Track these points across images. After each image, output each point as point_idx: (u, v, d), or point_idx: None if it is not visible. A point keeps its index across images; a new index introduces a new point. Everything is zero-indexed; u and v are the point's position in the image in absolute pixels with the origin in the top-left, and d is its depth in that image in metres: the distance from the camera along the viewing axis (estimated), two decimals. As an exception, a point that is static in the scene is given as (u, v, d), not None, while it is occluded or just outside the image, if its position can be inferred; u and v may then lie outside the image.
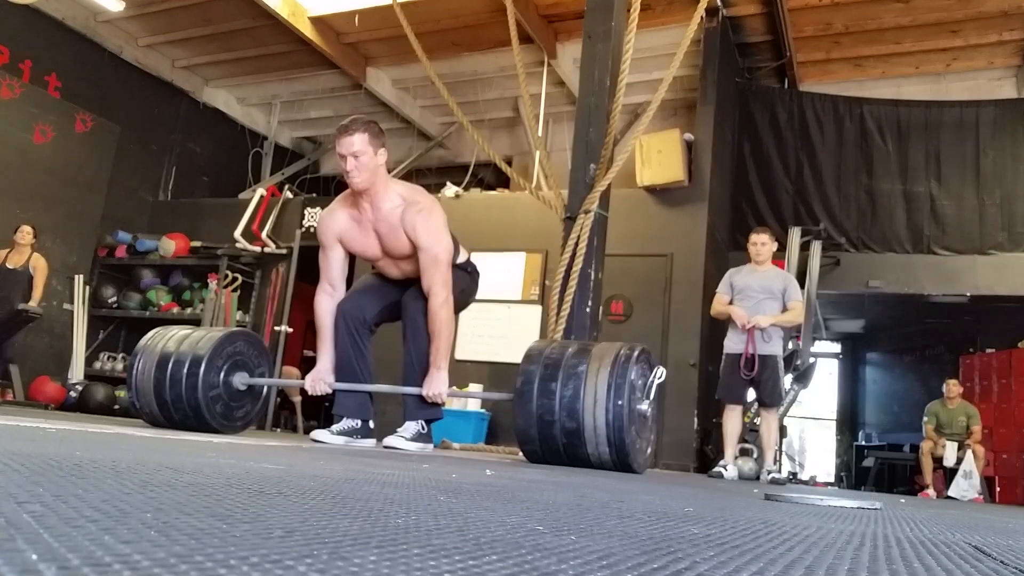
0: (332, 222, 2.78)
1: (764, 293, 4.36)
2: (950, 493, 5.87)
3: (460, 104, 5.36)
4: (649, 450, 2.55)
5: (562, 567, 0.45)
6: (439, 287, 2.66)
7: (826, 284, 6.47)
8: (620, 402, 2.26)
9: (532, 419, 2.37)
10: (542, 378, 2.37)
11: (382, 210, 2.69)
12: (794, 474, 6.66)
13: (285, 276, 6.80)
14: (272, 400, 6.54)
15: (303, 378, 8.26)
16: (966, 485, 5.87)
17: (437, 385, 2.67)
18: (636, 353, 2.38)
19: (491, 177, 7.77)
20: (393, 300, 2.87)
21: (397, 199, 2.69)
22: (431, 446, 2.89)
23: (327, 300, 2.81)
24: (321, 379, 2.76)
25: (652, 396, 2.45)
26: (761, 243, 4.48)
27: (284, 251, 6.85)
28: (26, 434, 1.42)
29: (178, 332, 2.78)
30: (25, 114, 6.29)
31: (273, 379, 3.75)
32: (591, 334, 4.14)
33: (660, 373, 2.46)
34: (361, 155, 2.58)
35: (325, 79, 7.40)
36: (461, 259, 2.91)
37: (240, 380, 2.77)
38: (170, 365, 2.63)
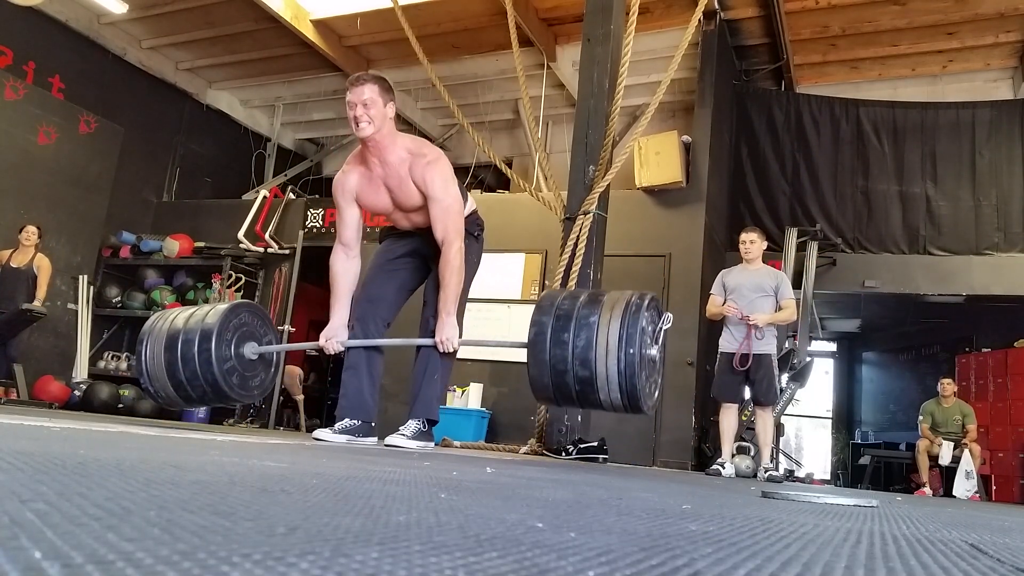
0: (346, 181, 2.82)
1: (757, 291, 4.38)
2: (954, 493, 5.88)
3: (461, 106, 5.37)
4: (656, 392, 2.58)
5: (561, 563, 0.45)
6: (452, 235, 2.69)
7: (822, 284, 6.49)
8: (631, 350, 2.30)
9: (545, 368, 2.39)
10: (555, 329, 2.39)
11: (390, 164, 2.72)
12: (791, 472, 6.66)
13: (288, 276, 6.81)
14: (276, 397, 6.54)
15: (304, 378, 8.18)
16: (968, 484, 5.88)
17: (447, 331, 2.68)
18: (647, 301, 2.41)
19: (491, 178, 7.79)
20: (405, 277, 2.90)
21: (404, 152, 2.73)
22: (432, 444, 2.90)
23: (342, 259, 2.85)
24: (335, 336, 2.79)
25: (661, 341, 2.47)
26: (750, 241, 4.50)
27: (287, 251, 6.87)
28: (30, 433, 1.42)
29: (181, 313, 2.79)
30: (29, 115, 6.31)
31: (283, 345, 3.77)
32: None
33: (668, 319, 2.49)
34: (371, 105, 2.63)
35: (327, 81, 7.42)
36: (468, 210, 2.93)
37: (250, 350, 2.78)
38: (180, 345, 2.63)
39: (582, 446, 3.98)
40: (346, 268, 2.84)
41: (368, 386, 2.83)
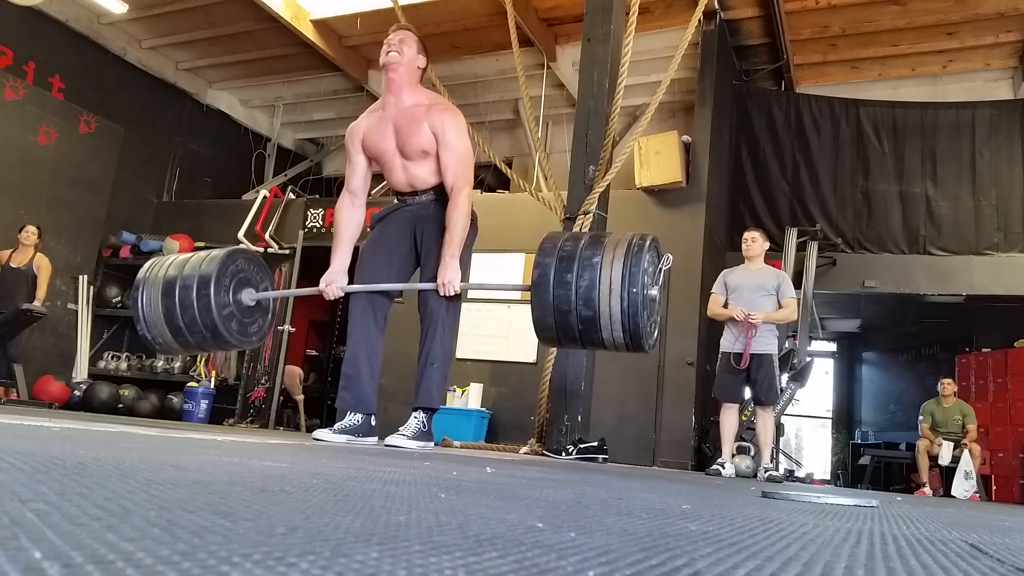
0: (355, 126, 2.92)
1: (759, 291, 4.39)
2: (952, 492, 5.88)
3: (461, 106, 5.33)
4: (656, 332, 2.60)
5: (561, 563, 0.45)
6: (462, 183, 2.74)
7: (822, 284, 6.49)
8: (634, 289, 2.34)
9: (549, 309, 2.42)
10: (558, 270, 2.43)
11: (404, 104, 2.79)
12: (791, 472, 6.66)
13: (288, 276, 6.81)
14: (276, 397, 6.54)
15: (304, 379, 8.12)
16: (967, 484, 5.89)
17: (449, 273, 2.70)
18: (648, 242, 2.45)
19: (491, 178, 7.78)
20: (400, 265, 2.89)
21: (423, 98, 2.83)
22: (432, 444, 2.90)
23: (347, 207, 2.91)
24: (334, 282, 2.81)
25: (660, 282, 2.52)
26: (751, 239, 4.52)
27: (287, 251, 6.87)
28: (30, 433, 1.41)
29: (176, 259, 2.78)
30: (29, 115, 6.31)
31: (281, 291, 3.77)
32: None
33: (668, 260, 2.52)
34: (405, 43, 2.78)
35: (327, 81, 7.42)
36: None
37: (248, 296, 2.77)
38: (177, 291, 2.62)
39: (582, 446, 3.98)
40: (351, 216, 2.90)
41: (367, 377, 2.82)
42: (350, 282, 2.85)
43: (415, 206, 2.87)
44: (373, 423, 2.82)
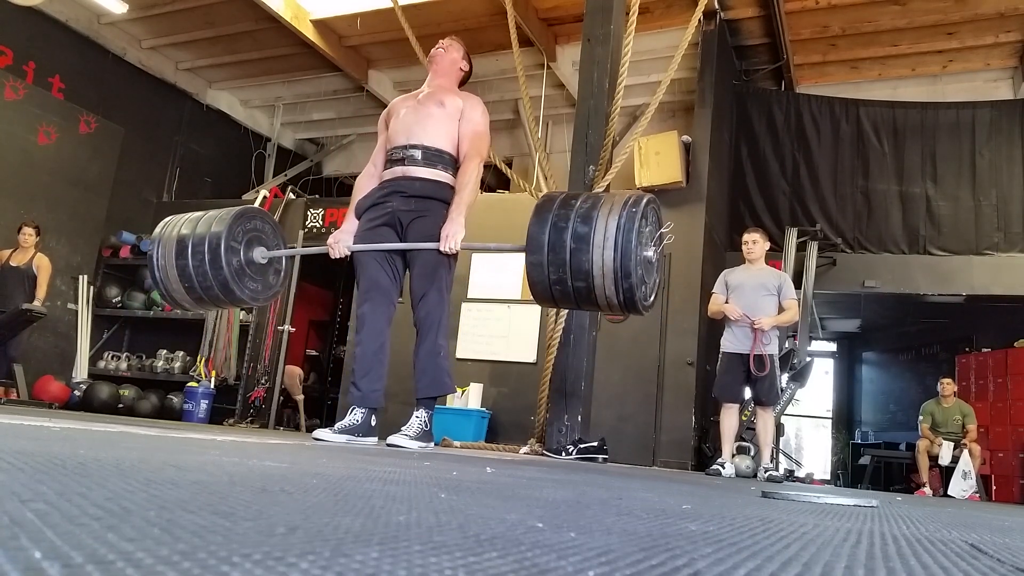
0: (390, 105, 3.15)
1: (760, 290, 4.39)
2: (950, 492, 5.89)
3: (460, 106, 5.36)
4: (653, 296, 2.63)
5: (561, 563, 0.45)
6: (474, 152, 2.89)
7: (822, 284, 6.49)
8: (635, 210, 2.41)
9: (546, 226, 2.47)
10: (565, 199, 2.54)
11: (441, 84, 3.05)
12: (791, 472, 6.66)
13: (288, 276, 6.80)
14: (276, 397, 6.54)
15: (304, 379, 8.08)
16: (965, 484, 5.89)
17: (453, 227, 2.77)
18: (647, 198, 2.52)
19: (491, 178, 7.78)
20: (390, 264, 2.90)
21: (458, 89, 3.08)
22: (432, 444, 2.90)
23: (368, 178, 3.05)
24: (341, 240, 2.89)
25: (659, 246, 2.56)
26: (752, 241, 4.52)
27: (286, 251, 6.86)
28: (30, 433, 1.42)
29: (190, 215, 2.84)
30: (29, 115, 6.31)
31: (292, 249, 3.83)
32: (590, 333, 4.16)
33: (669, 231, 2.58)
34: (452, 47, 3.11)
35: (327, 81, 7.42)
36: None
37: (260, 254, 2.82)
38: (191, 242, 2.68)
39: (582, 446, 3.98)
40: (368, 185, 3.05)
41: (379, 367, 2.83)
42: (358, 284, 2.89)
43: (397, 198, 2.85)
44: (373, 423, 2.82)
